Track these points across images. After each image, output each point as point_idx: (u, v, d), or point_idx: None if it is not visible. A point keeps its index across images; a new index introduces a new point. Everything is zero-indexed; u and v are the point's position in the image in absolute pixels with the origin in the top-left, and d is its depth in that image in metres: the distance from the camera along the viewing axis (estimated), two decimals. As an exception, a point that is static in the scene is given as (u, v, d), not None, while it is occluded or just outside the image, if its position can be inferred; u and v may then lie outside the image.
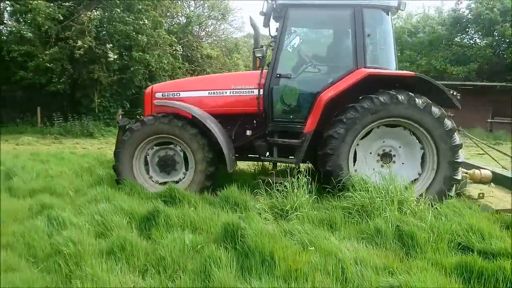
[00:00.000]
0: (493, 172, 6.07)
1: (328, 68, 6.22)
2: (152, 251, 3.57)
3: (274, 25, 6.30)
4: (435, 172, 5.47)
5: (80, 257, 3.36)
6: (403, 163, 5.72)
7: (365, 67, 5.62)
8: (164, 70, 18.86)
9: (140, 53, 16.63)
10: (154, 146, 5.87)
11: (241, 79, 6.32)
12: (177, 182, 5.82)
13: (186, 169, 5.88)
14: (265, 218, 4.42)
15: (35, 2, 14.27)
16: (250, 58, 30.41)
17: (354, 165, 5.63)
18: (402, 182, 5.05)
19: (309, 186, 4.91)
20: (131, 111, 18.81)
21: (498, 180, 6.05)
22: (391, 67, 6.01)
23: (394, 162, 5.74)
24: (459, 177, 5.46)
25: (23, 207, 4.76)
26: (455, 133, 5.39)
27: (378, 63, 5.93)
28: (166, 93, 6.46)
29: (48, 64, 15.70)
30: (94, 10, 15.81)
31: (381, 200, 4.52)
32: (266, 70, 6.07)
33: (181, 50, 19.54)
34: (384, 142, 5.74)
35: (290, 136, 5.90)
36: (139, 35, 16.37)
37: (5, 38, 17.04)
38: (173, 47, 18.45)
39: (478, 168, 6.30)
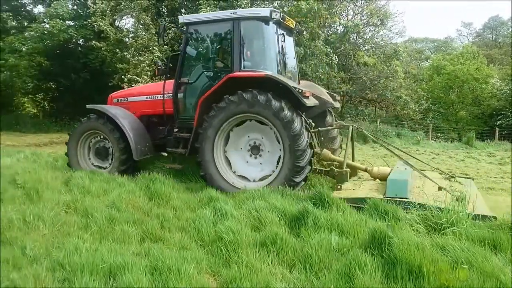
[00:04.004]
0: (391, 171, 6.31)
1: (216, 74, 6.92)
2: (300, 248, 3.81)
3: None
4: (282, 162, 6.07)
5: (238, 245, 3.82)
6: (267, 156, 6.49)
7: (239, 71, 6.33)
8: (320, 79, 19.26)
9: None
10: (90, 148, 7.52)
11: (169, 86, 7.25)
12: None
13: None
14: (416, 230, 4.24)
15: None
16: (411, 64, 28.71)
17: (226, 147, 6.53)
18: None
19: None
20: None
21: None
22: (269, 70, 6.50)
23: (260, 155, 6.53)
24: (303, 164, 5.94)
25: (195, 198, 5.57)
26: (295, 123, 5.86)
27: (254, 67, 6.61)
28: (119, 98, 7.96)
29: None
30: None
31: None
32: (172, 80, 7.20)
33: (337, 59, 19.62)
34: (254, 135, 6.53)
35: (189, 132, 6.81)
36: (297, 47, 17.12)
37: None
38: (329, 57, 18.69)
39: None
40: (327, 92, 7.69)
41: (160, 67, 7.46)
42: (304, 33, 16.98)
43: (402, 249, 3.41)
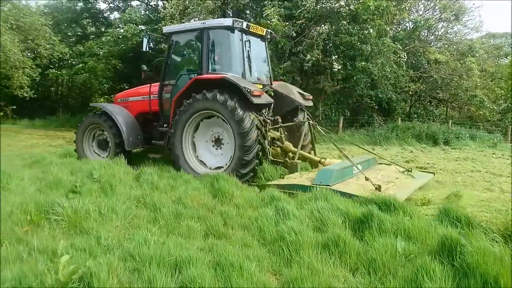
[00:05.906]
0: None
1: (191, 76, 7.77)
2: (363, 251, 3.71)
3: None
4: (233, 153, 6.93)
5: (299, 246, 3.80)
6: (224, 151, 7.44)
7: (207, 74, 7.35)
8: (387, 78, 18.55)
9: (363, 62, 16.85)
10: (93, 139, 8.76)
11: (154, 88, 8.41)
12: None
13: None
14: (492, 238, 3.94)
15: (274, 23, 16.29)
16: (488, 61, 26.63)
17: (194, 135, 7.54)
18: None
19: None
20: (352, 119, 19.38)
21: None
22: (234, 72, 7.45)
23: (221, 148, 7.53)
24: (249, 158, 6.74)
25: (258, 197, 5.63)
26: (246, 121, 6.69)
27: (222, 69, 7.60)
28: (122, 98, 9.17)
29: (281, 77, 17.68)
30: (322, 25, 16.90)
31: None
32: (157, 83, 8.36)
33: (405, 57, 18.73)
34: (220, 130, 7.46)
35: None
36: (363, 45, 16.62)
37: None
38: (397, 55, 17.91)
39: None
40: (298, 92, 8.65)
41: (144, 71, 8.66)
42: (371, 30, 16.45)
43: (477, 258, 3.19)
